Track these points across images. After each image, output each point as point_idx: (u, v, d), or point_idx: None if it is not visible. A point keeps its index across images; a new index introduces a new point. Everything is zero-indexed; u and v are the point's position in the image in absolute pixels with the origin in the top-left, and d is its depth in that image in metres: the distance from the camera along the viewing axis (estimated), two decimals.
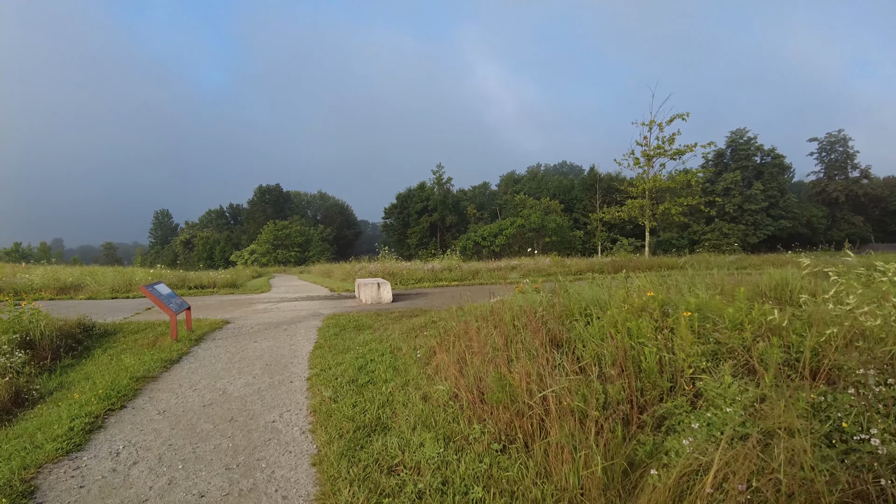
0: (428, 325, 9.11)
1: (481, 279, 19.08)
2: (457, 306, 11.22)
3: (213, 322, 10.93)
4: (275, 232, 76.73)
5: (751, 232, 66.55)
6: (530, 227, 49.80)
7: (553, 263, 21.13)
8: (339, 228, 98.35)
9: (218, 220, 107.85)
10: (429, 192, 78.08)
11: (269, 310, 13.37)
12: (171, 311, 8.78)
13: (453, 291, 16.21)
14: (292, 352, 8.07)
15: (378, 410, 4.88)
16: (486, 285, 18.13)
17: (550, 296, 6.80)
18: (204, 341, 9.12)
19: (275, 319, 11.56)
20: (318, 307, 13.56)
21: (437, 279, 19.01)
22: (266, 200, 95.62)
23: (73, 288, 18.31)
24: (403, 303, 13.60)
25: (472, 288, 17.14)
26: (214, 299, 16.44)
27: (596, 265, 20.99)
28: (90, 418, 5.05)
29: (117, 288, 18.24)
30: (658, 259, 22.85)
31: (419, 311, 11.30)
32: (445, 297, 14.41)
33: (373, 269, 20.80)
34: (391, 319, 10.40)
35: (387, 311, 12.01)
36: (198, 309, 13.66)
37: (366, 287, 13.61)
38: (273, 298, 16.41)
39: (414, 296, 15.31)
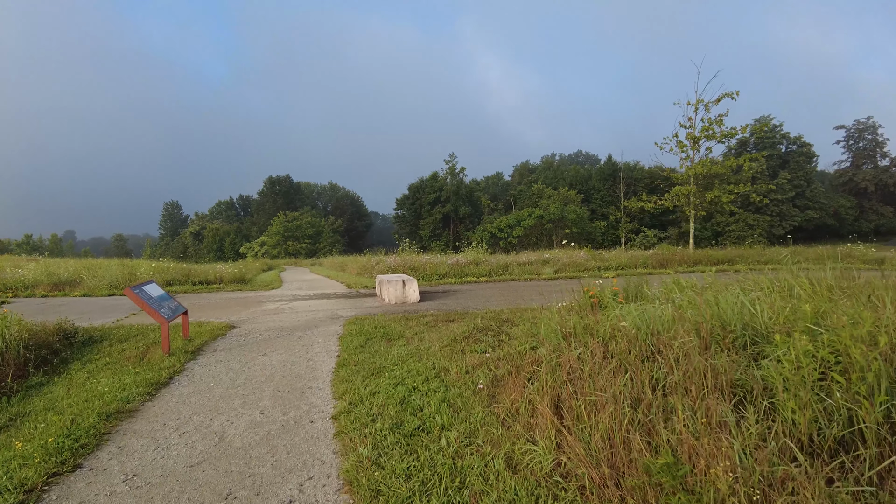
0: (474, 335, 7.46)
1: (511, 274, 17.42)
2: (506, 308, 9.60)
3: (215, 327, 9.37)
4: (285, 223, 75.43)
5: (776, 223, 64.19)
6: (549, 218, 47.99)
7: (590, 257, 19.40)
8: (350, 220, 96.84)
9: (228, 211, 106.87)
10: (441, 183, 76.22)
11: (280, 310, 11.79)
12: (163, 317, 7.19)
13: (485, 289, 14.55)
14: (310, 370, 6.46)
15: (448, 491, 3.23)
16: (518, 281, 16.46)
17: (686, 309, 5.00)
18: (202, 354, 7.54)
19: (287, 323, 9.97)
20: (336, 307, 11.96)
21: (463, 274, 17.38)
22: (276, 191, 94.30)
23: (69, 284, 16.87)
24: (432, 303, 11.97)
25: (504, 285, 15.46)
26: (220, 297, 14.92)
27: (639, 259, 19.24)
28: (15, 499, 3.43)
29: (116, 283, 16.76)
30: (704, 252, 21.03)
31: (455, 315, 9.65)
32: (478, 297, 12.76)
33: (392, 262, 19.16)
34: (424, 325, 8.77)
35: (415, 313, 10.39)
36: (201, 309, 12.13)
37: (389, 284, 11.99)
38: (285, 296, 14.85)
39: (441, 294, 13.67)
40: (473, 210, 75.83)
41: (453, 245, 75.18)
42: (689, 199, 21.44)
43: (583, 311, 6.38)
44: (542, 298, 11.91)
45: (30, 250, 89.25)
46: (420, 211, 76.55)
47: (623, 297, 6.94)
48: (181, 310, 8.05)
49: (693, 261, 19.41)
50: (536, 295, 12.61)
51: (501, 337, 7.21)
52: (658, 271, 17.66)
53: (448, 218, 75.57)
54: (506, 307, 10.44)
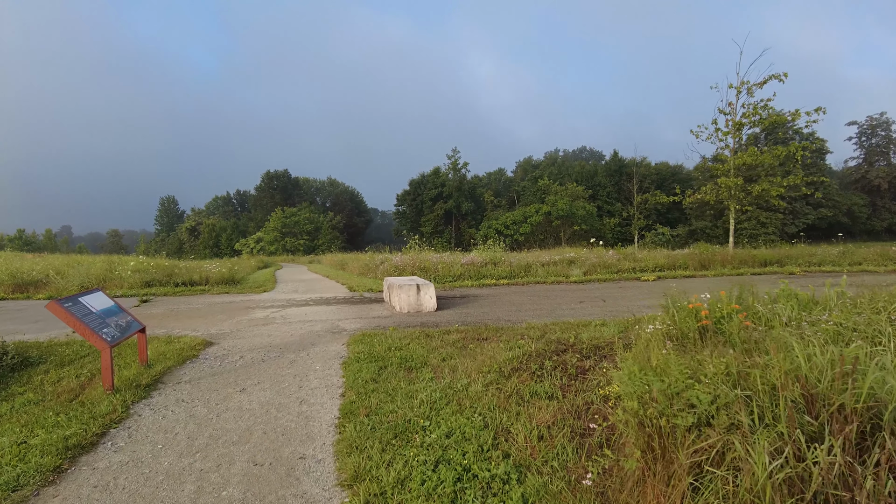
0: (526, 365, 5.55)
1: (535, 276, 15.51)
2: (549, 322, 7.52)
3: (186, 345, 7.46)
4: (283, 219, 73.45)
5: (789, 221, 62.37)
6: (557, 214, 46.06)
7: (622, 257, 17.49)
8: (349, 216, 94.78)
9: (225, 206, 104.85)
10: (443, 178, 74.27)
11: (271, 320, 9.88)
12: (104, 341, 5.26)
13: (509, 294, 12.62)
14: (304, 422, 4.56)
15: None
16: (545, 284, 14.53)
17: None
18: (161, 389, 5.61)
19: (278, 339, 8.05)
20: (337, 316, 10.06)
21: (480, 276, 15.46)
22: (274, 187, 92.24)
23: (34, 285, 14.92)
24: (452, 312, 10.06)
25: (530, 290, 13.55)
26: (203, 301, 12.98)
27: (677, 260, 17.31)
28: None
29: (87, 284, 14.83)
30: (746, 252, 19.12)
31: (488, 331, 7.74)
32: (505, 305, 10.84)
33: (399, 262, 17.24)
34: (452, 346, 6.86)
35: (436, 327, 8.49)
36: (177, 317, 10.21)
37: (401, 290, 10.07)
38: (277, 301, 12.93)
39: (461, 300, 11.75)
40: (476, 206, 73.93)
41: (456, 242, 73.31)
42: (733, 193, 19.50)
43: (693, 339, 4.49)
44: (584, 308, 10.03)
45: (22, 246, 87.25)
46: (421, 207, 74.65)
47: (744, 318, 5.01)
48: (135, 327, 6.11)
49: (738, 261, 17.49)
50: (575, 303, 10.73)
51: (569, 370, 5.30)
52: (701, 273, 15.77)
53: (450, 214, 73.68)
54: (548, 320, 8.53)
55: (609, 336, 6.55)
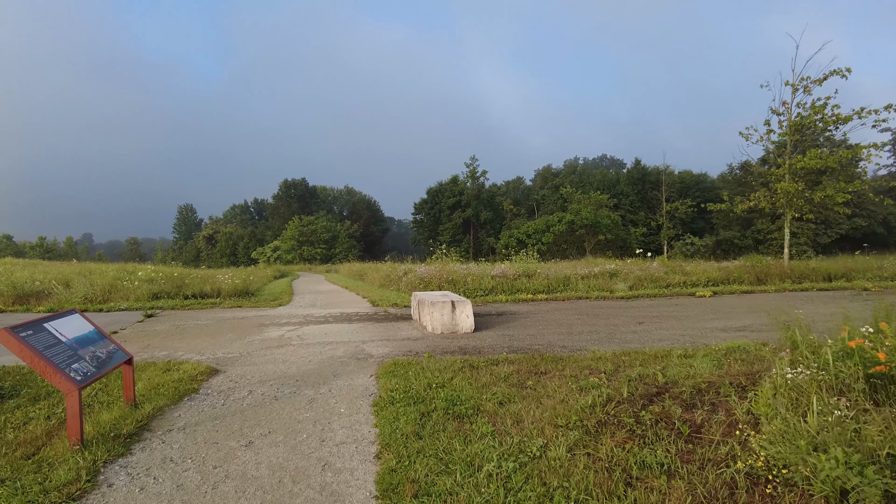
0: (615, 417, 4.27)
1: (575, 290, 14.16)
2: (618, 350, 6.06)
3: (186, 375, 6.29)
4: (300, 228, 72.81)
5: (821, 231, 59.92)
6: (581, 223, 44.56)
7: (669, 270, 16.05)
8: (366, 224, 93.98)
9: (242, 215, 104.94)
10: (462, 187, 73.12)
11: (286, 341, 8.69)
12: (71, 382, 4.08)
13: (552, 312, 11.31)
14: (329, 502, 3.32)
15: None
16: (588, 300, 13.18)
17: None
18: (147, 440, 4.42)
19: (292, 367, 6.85)
20: (361, 336, 8.84)
21: (514, 289, 14.16)
22: (291, 195, 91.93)
23: (36, 296, 13.96)
24: (493, 334, 8.78)
25: (573, 307, 12.21)
26: (212, 316, 11.87)
27: (730, 273, 15.80)
28: None
29: (92, 296, 13.84)
30: (804, 264, 17.57)
31: (544, 361, 6.46)
32: (552, 325, 9.54)
33: (423, 273, 16.00)
34: (505, 382, 5.60)
35: (478, 353, 7.24)
36: (182, 335, 9.07)
37: (433, 308, 8.82)
38: (294, 317, 11.77)
39: (498, 319, 10.48)
40: (495, 215, 72.58)
41: (474, 251, 71.94)
42: (793, 199, 17.93)
43: (858, 393, 3.19)
44: (648, 331, 8.68)
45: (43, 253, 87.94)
46: (439, 216, 73.52)
47: None
48: (119, 358, 4.94)
49: (798, 275, 15.94)
50: (633, 324, 9.39)
51: (677, 426, 4.01)
52: (760, 289, 14.27)
53: (468, 223, 72.42)
54: (614, 348, 7.24)
55: (705, 373, 5.24)
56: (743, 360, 5.74)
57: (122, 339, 9.23)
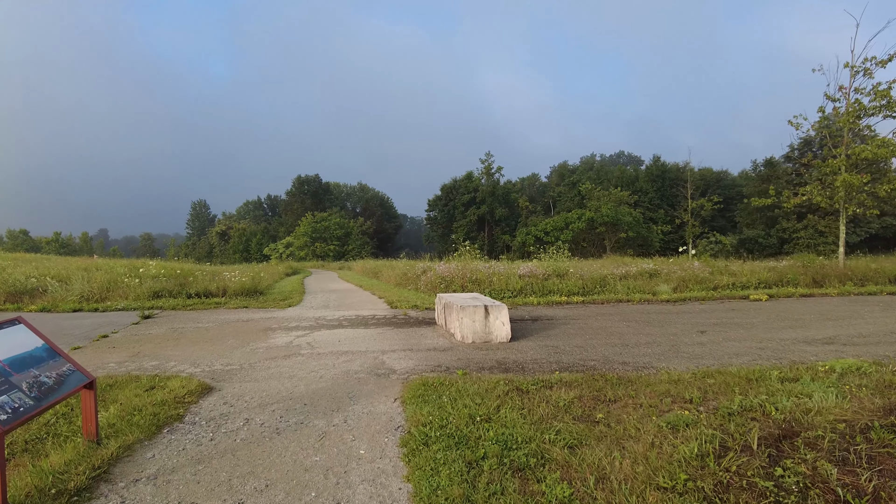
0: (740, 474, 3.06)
1: (614, 292, 12.89)
2: (694, 369, 5.02)
3: (174, 392, 5.21)
4: (313, 224, 72.00)
5: (850, 230, 57.74)
6: (601, 220, 43.10)
7: (715, 270, 14.70)
8: (379, 221, 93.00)
9: (255, 211, 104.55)
10: (476, 183, 71.77)
11: (294, 349, 7.58)
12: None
13: (595, 317, 10.07)
14: None
15: None
16: (631, 304, 11.90)
17: None
18: (101, 499, 3.30)
19: (300, 385, 5.71)
20: (380, 345, 7.70)
21: (546, 291, 12.93)
22: (305, 191, 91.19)
23: (30, 294, 13.02)
24: (533, 344, 7.58)
25: (616, 311, 10.97)
26: (215, 318, 10.80)
27: (784, 274, 14.38)
28: None
29: (89, 295, 12.86)
30: (864, 264, 16.09)
31: (607, 384, 5.26)
32: (601, 334, 8.32)
33: (444, 271, 14.82)
34: (566, 413, 4.42)
35: (520, 369, 6.07)
36: (177, 341, 7.98)
37: (463, 313, 7.64)
38: (304, 319, 10.67)
39: (535, 325, 9.29)
40: (510, 212, 71.19)
41: (489, 249, 70.56)
42: (853, 193, 16.43)
43: None
44: (714, 341, 7.43)
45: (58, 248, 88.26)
46: (453, 213, 72.30)
47: None
48: (74, 383, 3.82)
49: (859, 276, 14.50)
50: (693, 332, 8.16)
51: (836, 493, 2.80)
52: (820, 292, 12.89)
53: (483, 220, 71.13)
54: (688, 365, 6.04)
55: (832, 407, 4.03)
56: (872, 389, 4.50)
57: (110, 344, 8.18)
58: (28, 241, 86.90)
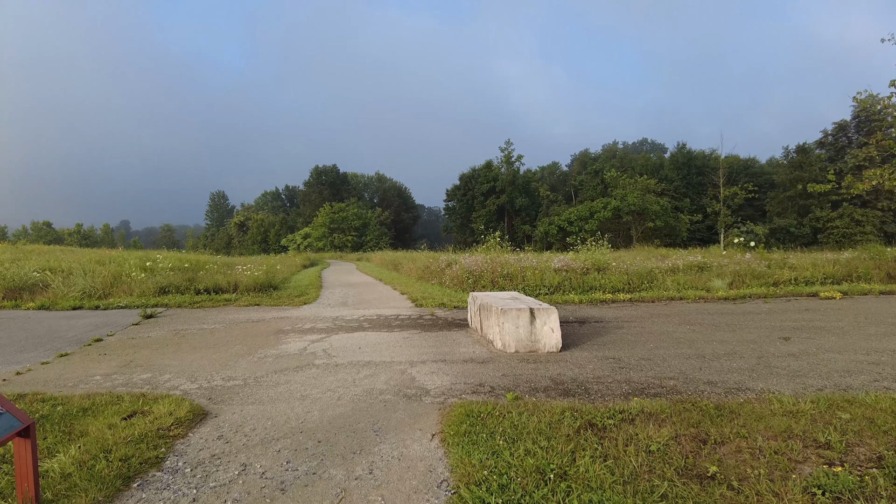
0: None
1: (662, 288, 11.63)
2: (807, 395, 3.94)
3: (156, 423, 4.22)
4: (331, 215, 71.28)
5: (889, 219, 55.13)
6: (628, 209, 41.49)
7: (772, 263, 13.28)
8: (397, 212, 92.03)
9: (273, 202, 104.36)
10: (496, 172, 70.24)
11: (307, 358, 6.52)
12: None
13: (652, 319, 8.85)
14: None
15: None
16: (684, 302, 10.64)
17: None
18: None
19: (314, 411, 4.64)
20: (408, 355, 6.61)
21: (586, 287, 11.70)
22: (323, 182, 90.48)
23: (30, 289, 12.20)
24: (588, 354, 6.41)
25: (672, 310, 9.73)
26: (223, 318, 9.82)
27: (854, 268, 12.86)
28: None
29: (92, 291, 12.00)
30: None
31: (704, 414, 4.10)
32: (666, 341, 7.12)
33: (471, 264, 13.67)
34: (663, 462, 3.28)
35: (583, 391, 4.94)
36: (178, 347, 6.97)
37: (504, 317, 6.49)
38: (320, 320, 9.64)
39: (581, 329, 8.12)
40: (531, 202, 69.57)
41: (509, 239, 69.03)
42: None
43: None
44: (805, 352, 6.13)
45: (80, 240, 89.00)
46: (472, 202, 70.98)
47: None
48: (1, 431, 2.77)
49: None
50: (774, 339, 6.98)
51: None
52: None
53: (503, 210, 69.68)
54: (795, 386, 4.84)
55: None
56: None
57: (102, 350, 7.22)
58: (51, 232, 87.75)
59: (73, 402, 4.82)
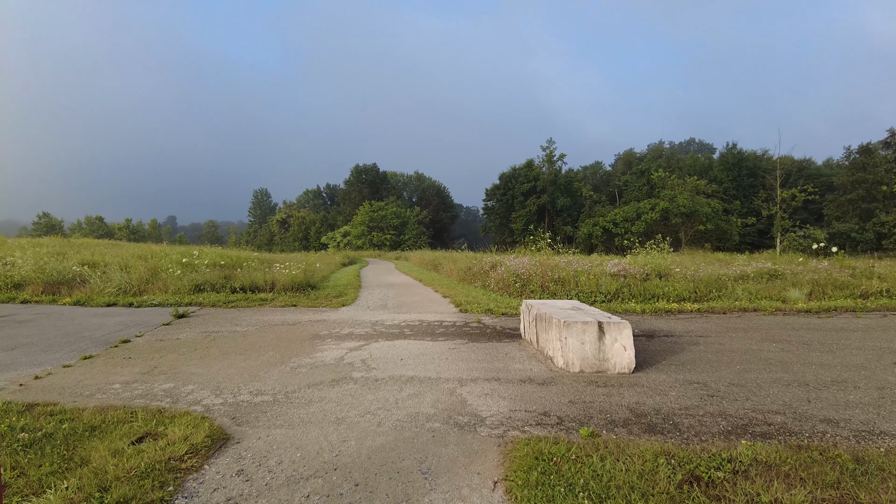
0: None
1: (733, 298, 10.51)
2: None
3: (168, 451, 3.61)
4: (370, 213, 71.41)
5: None
6: (677, 211, 39.67)
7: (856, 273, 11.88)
8: (435, 211, 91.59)
9: (315, 200, 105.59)
10: (537, 171, 68.86)
11: (344, 371, 5.84)
12: None
13: (730, 334, 7.82)
14: None
15: None
16: (760, 314, 9.53)
17: None
18: None
19: (350, 441, 3.93)
20: (456, 370, 5.84)
21: (648, 295, 10.66)
22: (362, 180, 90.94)
23: (68, 284, 12.03)
24: (666, 377, 5.51)
25: (749, 323, 8.64)
26: (256, 320, 9.30)
27: None
28: None
29: (127, 287, 11.73)
30: None
31: (844, 472, 3.17)
32: (754, 361, 6.13)
33: (518, 266, 12.80)
34: None
35: (670, 424, 4.08)
36: (206, 353, 6.41)
37: (569, 331, 5.64)
38: (359, 323, 9.00)
39: (651, 344, 7.20)
40: (572, 202, 67.88)
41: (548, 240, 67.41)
42: None
43: None
44: None
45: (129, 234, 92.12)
46: (512, 202, 69.80)
47: None
48: None
49: None
50: (886, 362, 5.87)
51: None
52: None
53: (543, 210, 68.25)
54: None
55: None
56: None
57: (128, 352, 6.75)
58: (103, 226, 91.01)
59: (83, 418, 4.27)
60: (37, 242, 21.93)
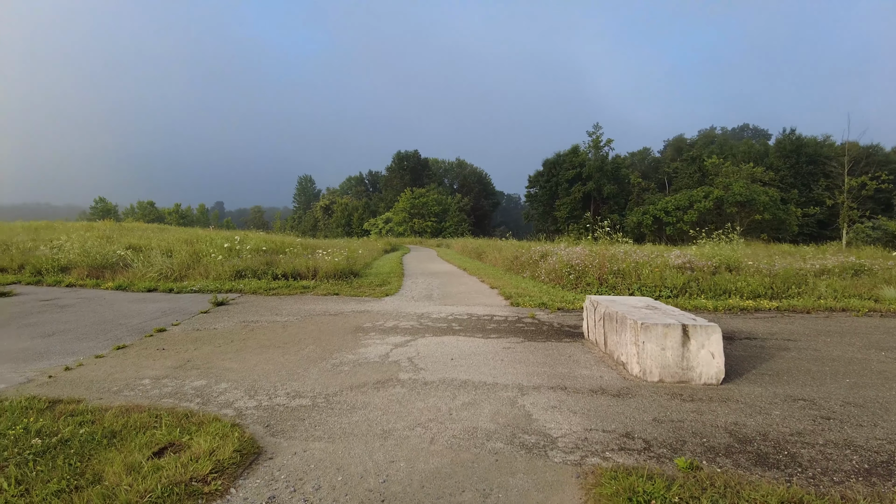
0: None
1: (815, 295, 9.43)
2: None
3: (188, 469, 3.09)
4: (412, 200, 71.08)
5: None
6: (732, 200, 37.57)
7: None
8: (477, 198, 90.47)
9: (357, 186, 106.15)
10: (583, 158, 66.76)
11: (389, 371, 5.27)
12: None
13: (822, 338, 6.84)
14: None
15: None
16: (853, 315, 8.44)
17: None
18: None
19: (399, 464, 3.33)
20: (513, 375, 5.19)
21: (719, 291, 9.62)
22: (404, 167, 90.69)
23: (111, 268, 11.96)
24: (761, 391, 4.69)
25: (842, 325, 7.62)
26: (297, 309, 8.87)
27: None
28: None
29: (168, 272, 11.56)
30: None
31: None
32: (868, 375, 5.24)
33: (572, 257, 11.97)
34: None
35: (786, 454, 3.30)
36: (243, 344, 5.97)
37: (647, 334, 4.88)
38: (404, 315, 8.44)
39: (733, 348, 6.36)
40: (619, 189, 65.58)
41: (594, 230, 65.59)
42: None
43: None
44: None
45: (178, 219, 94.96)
46: (556, 189, 68.01)
47: None
48: None
49: None
50: None
51: None
52: None
53: (588, 197, 66.22)
54: None
55: None
56: None
57: (162, 343, 6.39)
58: (154, 211, 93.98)
59: (104, 421, 3.84)
60: (88, 226, 22.36)
